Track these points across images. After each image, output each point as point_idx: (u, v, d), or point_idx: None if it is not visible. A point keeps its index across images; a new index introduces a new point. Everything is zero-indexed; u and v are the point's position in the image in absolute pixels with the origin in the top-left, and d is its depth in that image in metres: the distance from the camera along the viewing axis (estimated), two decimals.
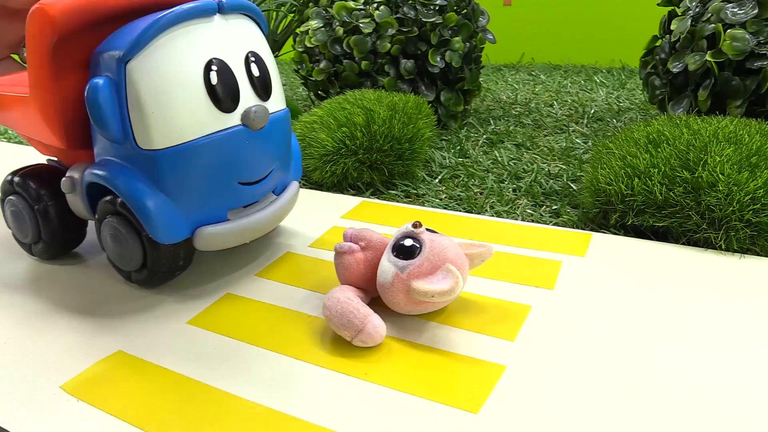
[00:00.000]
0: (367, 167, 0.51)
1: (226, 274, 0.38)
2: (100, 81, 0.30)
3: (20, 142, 0.74)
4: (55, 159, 0.40)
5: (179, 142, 0.31)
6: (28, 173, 0.38)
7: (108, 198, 0.34)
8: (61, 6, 0.29)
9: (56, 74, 0.31)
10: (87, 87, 0.30)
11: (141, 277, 0.35)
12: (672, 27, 0.59)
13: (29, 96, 0.33)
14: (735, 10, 0.52)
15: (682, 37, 0.57)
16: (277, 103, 0.35)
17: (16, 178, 0.38)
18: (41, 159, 0.64)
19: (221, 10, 0.32)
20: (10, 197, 0.38)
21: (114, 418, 0.26)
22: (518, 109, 0.80)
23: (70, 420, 0.26)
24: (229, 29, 0.33)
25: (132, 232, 0.33)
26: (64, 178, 0.35)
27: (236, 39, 0.33)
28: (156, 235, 0.32)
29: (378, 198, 0.51)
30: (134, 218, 0.32)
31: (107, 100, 0.30)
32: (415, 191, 0.52)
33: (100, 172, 0.33)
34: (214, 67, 0.31)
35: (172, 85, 0.30)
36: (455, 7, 0.70)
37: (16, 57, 0.45)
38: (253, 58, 0.33)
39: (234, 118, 0.32)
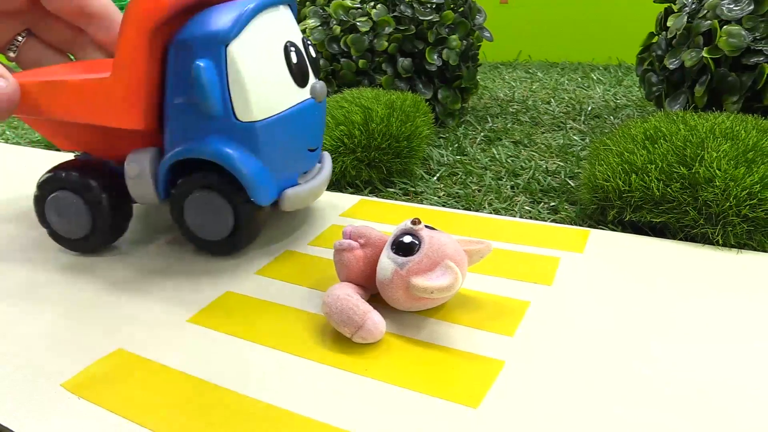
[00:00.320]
0: (366, 165, 0.52)
1: (226, 273, 0.38)
2: (203, 63, 0.33)
3: (18, 144, 0.74)
4: (80, 153, 0.42)
5: (273, 114, 0.36)
6: (73, 167, 0.39)
7: (192, 175, 0.37)
8: None
9: (149, 57, 0.34)
10: (193, 68, 0.33)
11: (227, 247, 0.39)
12: (668, 24, 0.59)
13: (110, 79, 0.34)
14: (731, 6, 0.52)
15: (678, 33, 0.57)
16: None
17: (63, 173, 0.39)
18: (42, 158, 0.64)
19: (284, 1, 0.38)
20: (57, 193, 0.39)
21: (116, 416, 0.26)
22: (516, 107, 0.80)
23: (71, 418, 0.26)
24: (289, 17, 0.39)
25: (225, 201, 0.37)
26: (130, 164, 0.38)
27: (294, 26, 0.39)
28: (258, 197, 0.36)
29: (376, 196, 0.51)
30: (227, 188, 0.36)
31: (212, 78, 0.33)
32: (413, 189, 0.52)
33: (199, 147, 0.36)
34: (292, 49, 0.37)
35: (266, 65, 0.35)
36: (452, 5, 0.70)
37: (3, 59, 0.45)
38: (308, 43, 0.39)
39: (306, 93, 0.38)
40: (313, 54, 0.39)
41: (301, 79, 0.37)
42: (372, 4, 0.68)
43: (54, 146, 0.70)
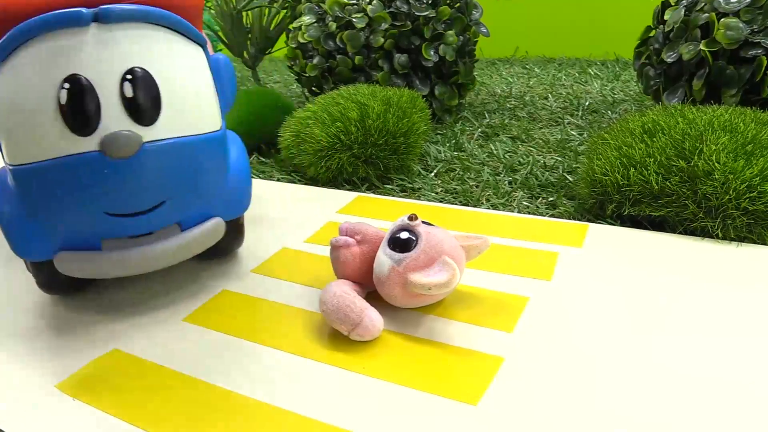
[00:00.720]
0: (362, 162, 0.51)
1: (222, 271, 0.37)
2: None
3: None
4: None
5: (27, 162, 0.29)
6: None
7: None
8: None
9: None
10: None
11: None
12: (665, 17, 0.59)
13: None
14: None
15: (675, 27, 0.57)
16: (173, 128, 0.30)
17: None
18: None
19: (100, 18, 0.29)
20: None
21: (111, 417, 0.25)
22: (513, 102, 0.80)
23: (67, 418, 0.25)
24: (105, 41, 0.29)
25: None
26: None
27: (114, 53, 0.29)
28: (13, 248, 0.31)
29: (374, 192, 0.50)
30: None
31: None
32: (410, 185, 0.52)
33: None
34: (66, 85, 0.28)
35: (23, 103, 0.28)
36: (448, 1, 0.70)
37: None
38: (129, 76, 0.29)
39: (91, 143, 0.29)
40: (130, 93, 0.29)
41: (80, 126, 0.29)
42: (367, 0, 0.67)
43: None
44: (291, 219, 0.44)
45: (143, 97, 0.29)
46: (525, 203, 0.47)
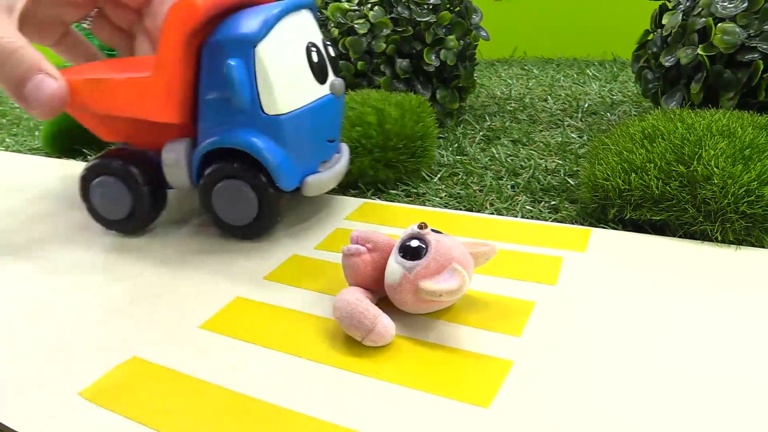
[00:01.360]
0: (383, 165, 0.52)
1: (235, 279, 0.38)
2: (234, 62, 0.37)
3: (18, 151, 0.74)
4: (122, 144, 0.46)
5: (296, 108, 0.39)
6: (115, 155, 0.43)
7: (219, 164, 0.40)
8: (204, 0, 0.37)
9: (185, 58, 0.38)
10: (225, 67, 0.37)
11: (252, 230, 0.42)
12: (663, 21, 0.60)
13: (150, 77, 0.38)
14: (725, 3, 0.53)
15: (673, 31, 0.58)
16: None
17: (106, 160, 0.43)
18: (42, 165, 0.64)
19: (306, 6, 0.42)
20: (101, 178, 0.43)
21: (134, 423, 0.26)
22: (513, 105, 0.81)
23: (90, 427, 0.26)
24: (311, 20, 0.42)
25: (250, 188, 0.40)
26: (167, 153, 0.42)
27: (315, 28, 0.43)
28: (282, 183, 0.40)
29: (379, 198, 0.51)
30: (253, 175, 0.40)
31: (242, 76, 0.37)
32: (415, 190, 0.53)
33: (229, 138, 0.39)
34: (313, 49, 0.41)
35: (290, 64, 0.39)
36: (448, 5, 0.71)
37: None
38: (327, 43, 0.43)
39: (326, 89, 0.42)
40: (332, 53, 0.43)
41: (321, 77, 0.41)
42: (369, 6, 0.68)
43: (55, 153, 0.70)
44: (299, 226, 0.45)
45: (335, 57, 0.44)
46: (528, 207, 0.48)
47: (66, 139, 0.69)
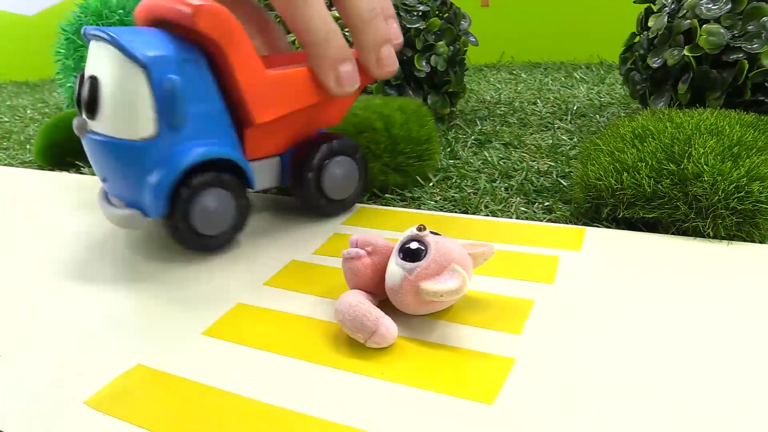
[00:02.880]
0: (392, 170, 0.53)
1: (235, 285, 0.38)
2: None
3: (9, 165, 0.74)
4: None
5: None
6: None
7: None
8: None
9: None
10: None
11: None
12: (649, 24, 0.61)
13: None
14: (709, 5, 0.54)
15: (659, 33, 0.59)
16: (107, 127, 0.39)
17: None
18: (34, 179, 0.64)
19: (87, 36, 0.40)
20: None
21: (142, 430, 0.26)
22: (503, 109, 0.82)
23: None
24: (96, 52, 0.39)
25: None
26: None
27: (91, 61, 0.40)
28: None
29: (374, 203, 0.52)
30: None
31: None
32: (410, 194, 0.53)
33: None
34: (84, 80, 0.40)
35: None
36: (437, 12, 0.71)
37: None
38: (89, 81, 0.39)
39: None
40: (86, 95, 0.39)
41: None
42: None
43: (46, 166, 0.70)
44: (297, 231, 0.46)
45: (91, 98, 0.39)
46: (522, 209, 0.48)
47: (59, 152, 0.69)
